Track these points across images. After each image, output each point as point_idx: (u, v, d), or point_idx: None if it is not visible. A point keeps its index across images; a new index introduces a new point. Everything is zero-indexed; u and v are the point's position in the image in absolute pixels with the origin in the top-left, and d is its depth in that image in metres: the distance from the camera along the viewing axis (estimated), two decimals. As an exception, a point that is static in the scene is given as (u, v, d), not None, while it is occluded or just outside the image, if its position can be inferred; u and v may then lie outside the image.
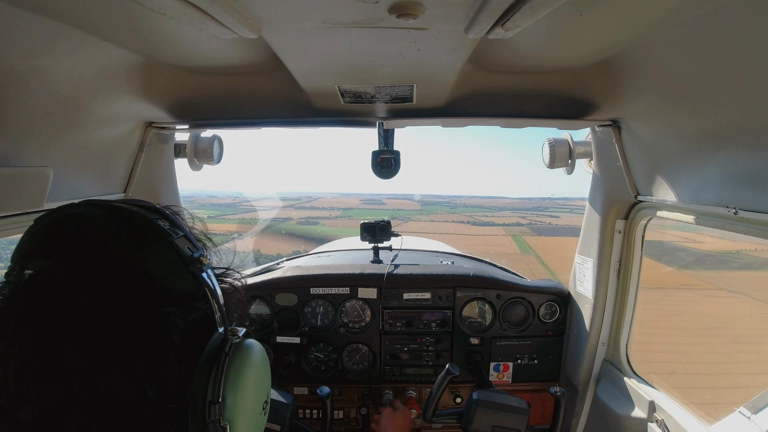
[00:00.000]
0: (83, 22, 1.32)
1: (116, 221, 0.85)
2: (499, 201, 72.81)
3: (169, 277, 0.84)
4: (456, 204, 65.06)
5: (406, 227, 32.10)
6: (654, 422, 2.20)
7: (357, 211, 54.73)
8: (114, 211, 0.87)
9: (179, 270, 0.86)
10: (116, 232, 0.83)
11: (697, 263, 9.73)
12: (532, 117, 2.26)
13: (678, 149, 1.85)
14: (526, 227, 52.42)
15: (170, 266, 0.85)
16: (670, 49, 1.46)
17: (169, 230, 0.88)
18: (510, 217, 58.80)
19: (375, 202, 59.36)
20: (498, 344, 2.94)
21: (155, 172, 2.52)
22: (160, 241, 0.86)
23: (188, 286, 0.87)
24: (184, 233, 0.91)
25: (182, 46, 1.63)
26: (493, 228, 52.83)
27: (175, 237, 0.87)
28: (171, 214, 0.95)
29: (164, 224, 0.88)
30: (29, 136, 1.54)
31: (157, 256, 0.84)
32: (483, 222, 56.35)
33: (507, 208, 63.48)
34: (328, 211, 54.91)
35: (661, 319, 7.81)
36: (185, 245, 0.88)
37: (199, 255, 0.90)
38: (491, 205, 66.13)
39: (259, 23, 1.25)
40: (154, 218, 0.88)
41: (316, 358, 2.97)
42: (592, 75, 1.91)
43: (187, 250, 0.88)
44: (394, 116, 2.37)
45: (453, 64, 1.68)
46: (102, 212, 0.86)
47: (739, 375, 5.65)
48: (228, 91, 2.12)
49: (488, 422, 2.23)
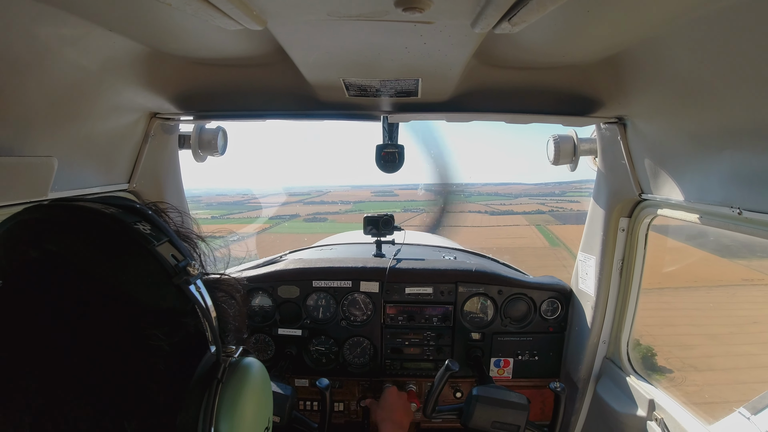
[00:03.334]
0: (89, 12, 1.32)
1: (82, 226, 0.73)
2: (514, 187, 69.21)
3: (148, 292, 0.73)
4: (470, 192, 62.15)
5: (420, 220, 30.82)
6: (653, 421, 2.20)
7: (368, 204, 53.14)
8: (79, 213, 0.75)
9: (161, 283, 0.75)
10: (82, 239, 0.71)
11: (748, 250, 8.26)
12: (537, 113, 2.25)
13: (683, 148, 1.84)
14: (549, 215, 48.92)
15: (150, 279, 0.74)
16: (677, 48, 1.45)
17: (149, 235, 0.76)
18: (528, 204, 55.20)
19: (387, 194, 56.79)
20: (499, 340, 2.95)
21: (159, 163, 2.53)
22: (138, 250, 0.74)
23: (173, 300, 0.76)
24: (168, 238, 0.80)
25: (187, 37, 1.62)
26: (513, 217, 49.44)
27: (156, 244, 0.76)
28: (154, 215, 0.84)
29: (144, 228, 0.77)
30: (34, 126, 1.55)
31: (133, 268, 0.73)
32: (501, 211, 53.09)
33: (523, 195, 60.39)
34: (338, 205, 53.31)
35: (740, 332, 6.70)
36: (170, 252, 0.78)
37: (185, 264, 0.78)
38: (506, 192, 63.05)
39: (265, 15, 1.24)
40: (132, 221, 0.77)
41: (317, 350, 2.99)
42: (598, 72, 1.90)
43: (172, 259, 0.77)
44: (398, 110, 2.36)
45: (459, 59, 1.67)
46: (65, 215, 0.74)
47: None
48: (233, 82, 2.12)
49: (488, 418, 2.24)
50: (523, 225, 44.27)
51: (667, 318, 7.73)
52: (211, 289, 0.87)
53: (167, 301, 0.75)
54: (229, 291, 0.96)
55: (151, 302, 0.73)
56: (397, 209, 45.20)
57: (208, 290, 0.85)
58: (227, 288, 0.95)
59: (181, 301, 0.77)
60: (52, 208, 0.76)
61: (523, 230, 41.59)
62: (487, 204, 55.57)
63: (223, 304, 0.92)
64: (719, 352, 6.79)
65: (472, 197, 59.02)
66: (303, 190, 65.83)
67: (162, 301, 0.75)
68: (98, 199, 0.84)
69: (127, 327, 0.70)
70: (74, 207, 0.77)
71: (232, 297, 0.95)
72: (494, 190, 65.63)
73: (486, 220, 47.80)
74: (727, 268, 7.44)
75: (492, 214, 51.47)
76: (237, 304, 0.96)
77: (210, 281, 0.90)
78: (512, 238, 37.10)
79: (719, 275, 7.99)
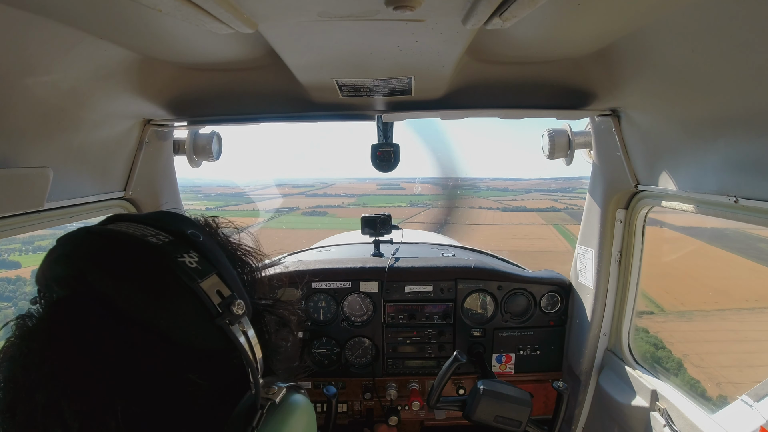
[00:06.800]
0: (79, 20, 1.32)
1: (123, 263, 0.69)
2: (524, 183, 65.71)
3: (188, 333, 0.69)
4: (479, 187, 60.25)
5: (428, 215, 28.90)
6: (657, 411, 2.21)
7: (372, 197, 51.07)
8: (122, 247, 0.71)
9: (202, 323, 0.70)
10: (122, 278, 0.68)
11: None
12: (531, 108, 2.26)
13: (678, 138, 1.85)
14: (564, 212, 45.45)
15: (190, 319, 0.70)
16: (668, 37, 1.45)
17: (194, 270, 0.70)
18: (541, 200, 52.35)
19: (392, 187, 52.86)
20: (500, 335, 2.95)
21: (155, 169, 2.52)
22: (179, 289, 0.69)
23: (216, 341, 0.71)
24: (216, 270, 0.74)
25: (179, 42, 1.62)
26: (527, 215, 46.82)
27: (200, 280, 0.70)
28: (205, 241, 0.77)
29: (191, 260, 0.71)
30: (28, 137, 1.54)
31: (173, 308, 0.68)
32: (513, 207, 50.23)
33: (534, 190, 57.54)
34: (341, 198, 51.19)
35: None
36: (215, 288, 0.72)
37: (229, 302, 0.72)
38: (516, 188, 59.88)
39: (255, 18, 1.24)
40: (178, 253, 0.71)
41: (319, 352, 2.99)
42: (590, 64, 1.90)
43: (217, 296, 0.71)
44: (392, 109, 2.36)
45: (451, 56, 1.67)
46: (107, 246, 0.71)
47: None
48: (226, 86, 2.11)
49: (491, 412, 2.24)
50: (540, 224, 41.95)
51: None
52: (261, 315, 0.83)
53: (210, 341, 0.71)
54: (284, 317, 0.91)
55: (191, 343, 0.70)
56: (403, 203, 43.68)
57: (260, 316, 0.81)
58: (281, 314, 0.90)
59: (225, 341, 0.72)
60: (99, 237, 0.72)
61: (541, 230, 39.26)
62: (498, 200, 53.02)
63: (274, 334, 0.87)
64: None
65: (482, 192, 57.03)
66: (307, 182, 63.03)
67: (204, 342, 0.71)
68: (151, 217, 0.79)
69: (165, 369, 0.67)
70: (115, 237, 0.72)
71: (285, 324, 0.90)
72: (504, 185, 62.92)
73: (499, 218, 45.53)
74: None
75: (504, 210, 48.96)
76: (291, 333, 0.91)
77: (264, 306, 0.86)
78: (531, 239, 34.99)
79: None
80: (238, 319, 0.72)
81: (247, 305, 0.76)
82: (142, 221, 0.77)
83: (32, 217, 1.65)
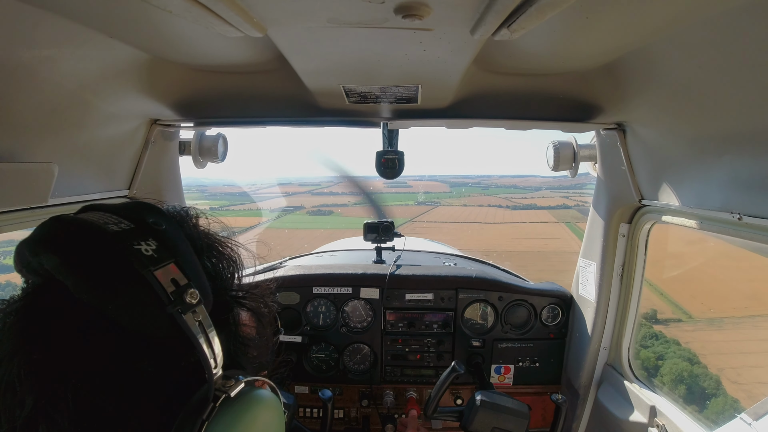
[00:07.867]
0: (90, 19, 1.33)
1: (74, 248, 0.70)
2: (532, 180, 64.60)
3: (139, 321, 0.68)
4: (487, 184, 58.52)
5: (436, 214, 27.51)
6: (655, 427, 2.19)
7: (380, 195, 49.66)
8: (77, 232, 0.71)
9: (153, 311, 0.69)
10: (73, 263, 0.68)
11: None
12: (537, 119, 2.26)
13: (683, 153, 1.85)
14: (575, 210, 44.17)
15: (140, 307, 0.68)
16: (675, 53, 1.45)
17: (149, 258, 0.70)
18: (551, 197, 50.92)
19: (400, 185, 51.72)
20: (500, 346, 2.93)
21: (160, 169, 2.53)
22: (130, 275, 0.68)
23: (168, 330, 0.70)
24: (174, 259, 0.72)
25: (188, 44, 1.63)
26: (537, 213, 45.24)
27: (154, 268, 0.69)
28: (168, 229, 0.77)
29: (147, 248, 0.71)
30: (35, 132, 1.55)
31: (123, 295, 0.68)
32: (523, 205, 48.93)
33: (543, 187, 56.86)
34: (348, 197, 50.28)
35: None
36: (170, 276, 0.70)
37: (182, 291, 0.70)
38: (525, 185, 59.00)
39: (265, 22, 1.25)
40: (135, 240, 0.71)
41: (317, 357, 2.98)
42: (597, 78, 1.91)
43: (171, 284, 0.70)
44: (398, 117, 2.37)
45: (458, 66, 1.67)
46: (62, 234, 0.72)
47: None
48: (233, 89, 2.12)
49: (488, 423, 2.22)
50: (552, 222, 40.36)
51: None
52: (229, 307, 0.82)
53: (161, 330, 0.69)
54: (255, 309, 0.89)
55: (142, 330, 0.69)
56: (410, 202, 42.93)
57: (226, 308, 0.81)
58: (252, 306, 0.88)
59: (177, 330, 0.70)
60: (60, 224, 0.73)
61: (553, 229, 37.66)
62: (507, 197, 51.79)
63: (243, 326, 0.85)
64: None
65: (490, 189, 55.69)
66: (314, 180, 62.96)
67: (156, 330, 0.69)
68: (120, 206, 0.79)
69: (116, 355, 0.68)
70: (75, 224, 0.73)
71: (259, 319, 0.89)
72: (512, 183, 61.24)
73: (509, 216, 44.33)
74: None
75: (514, 208, 47.67)
76: (263, 326, 0.89)
77: (231, 297, 0.85)
78: (544, 239, 33.42)
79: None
80: (192, 309, 0.71)
81: (206, 295, 0.75)
82: (110, 210, 0.77)
83: (36, 213, 1.65)
